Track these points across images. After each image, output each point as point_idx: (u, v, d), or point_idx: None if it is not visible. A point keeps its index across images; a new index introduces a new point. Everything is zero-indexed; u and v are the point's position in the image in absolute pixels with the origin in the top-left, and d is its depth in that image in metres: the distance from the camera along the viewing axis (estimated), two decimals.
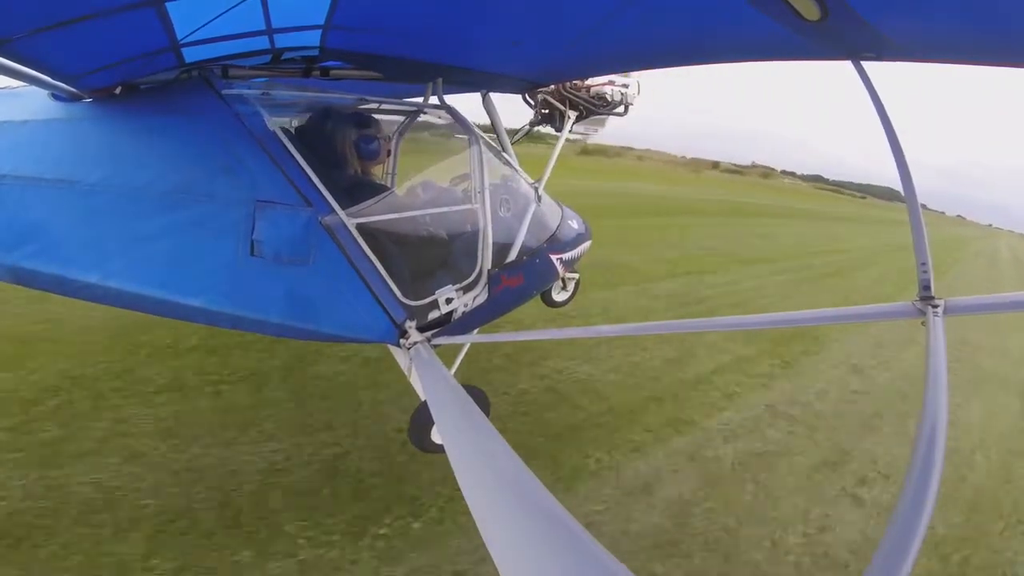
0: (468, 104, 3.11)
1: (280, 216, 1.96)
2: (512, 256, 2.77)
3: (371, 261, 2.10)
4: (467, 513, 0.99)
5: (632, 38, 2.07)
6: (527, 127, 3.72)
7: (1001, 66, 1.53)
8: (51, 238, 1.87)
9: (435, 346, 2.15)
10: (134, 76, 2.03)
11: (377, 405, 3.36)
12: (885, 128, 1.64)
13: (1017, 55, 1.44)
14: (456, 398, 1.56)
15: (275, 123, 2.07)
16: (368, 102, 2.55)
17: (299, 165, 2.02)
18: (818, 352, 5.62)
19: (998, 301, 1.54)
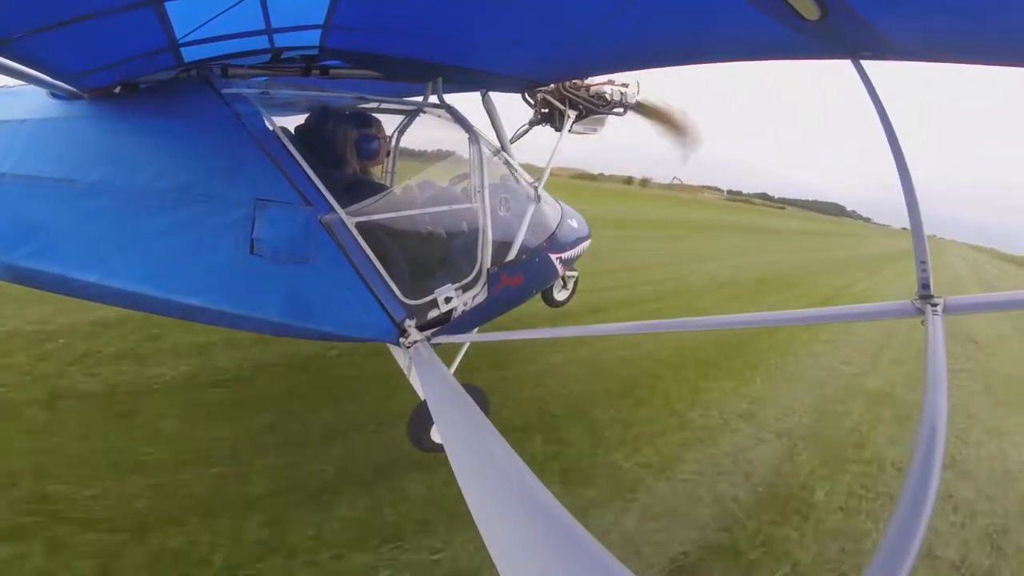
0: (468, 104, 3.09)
1: (280, 215, 1.96)
2: (512, 255, 2.77)
3: (370, 260, 2.10)
4: None
5: (632, 38, 2.07)
6: (527, 126, 3.72)
7: (1001, 66, 1.53)
8: (51, 237, 1.87)
9: (435, 345, 2.15)
10: (133, 75, 2.02)
11: None
12: (884, 127, 1.63)
13: (1016, 55, 1.44)
14: (456, 397, 1.56)
15: (275, 122, 2.07)
16: (368, 101, 2.55)
17: (298, 164, 2.02)
18: None
19: (997, 300, 1.55)
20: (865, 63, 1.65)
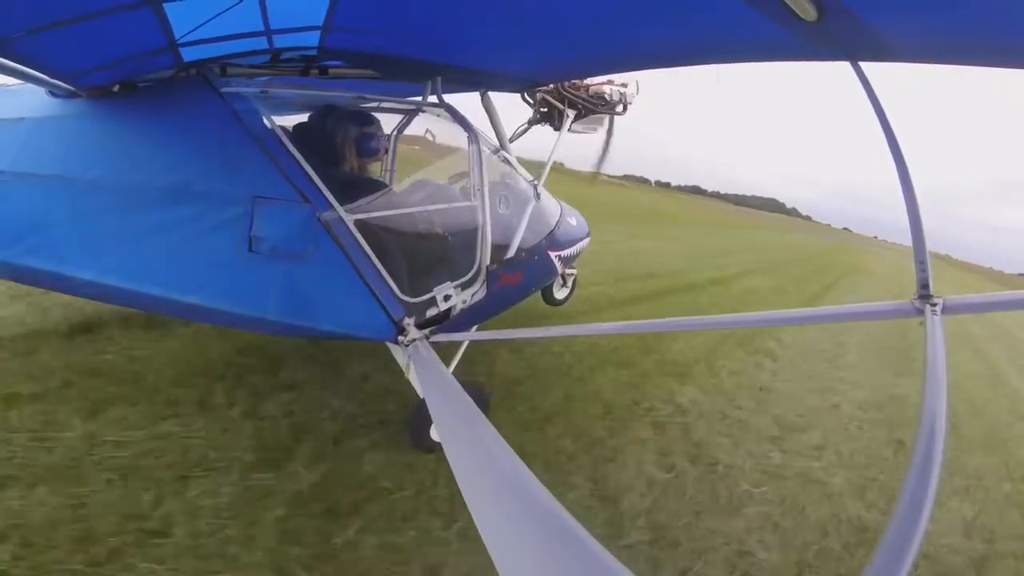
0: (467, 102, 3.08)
1: (278, 212, 1.96)
2: (511, 253, 2.77)
3: (369, 258, 2.10)
4: None
5: (630, 38, 2.07)
6: (526, 125, 3.72)
7: (999, 67, 1.53)
8: (48, 235, 1.87)
9: (433, 343, 2.15)
10: (132, 75, 2.02)
11: None
12: (883, 128, 1.63)
13: (1015, 56, 1.44)
14: (454, 396, 1.56)
15: (273, 121, 2.07)
16: (367, 100, 2.54)
17: (297, 162, 2.02)
18: None
19: (997, 299, 1.54)
20: (864, 64, 1.65)
